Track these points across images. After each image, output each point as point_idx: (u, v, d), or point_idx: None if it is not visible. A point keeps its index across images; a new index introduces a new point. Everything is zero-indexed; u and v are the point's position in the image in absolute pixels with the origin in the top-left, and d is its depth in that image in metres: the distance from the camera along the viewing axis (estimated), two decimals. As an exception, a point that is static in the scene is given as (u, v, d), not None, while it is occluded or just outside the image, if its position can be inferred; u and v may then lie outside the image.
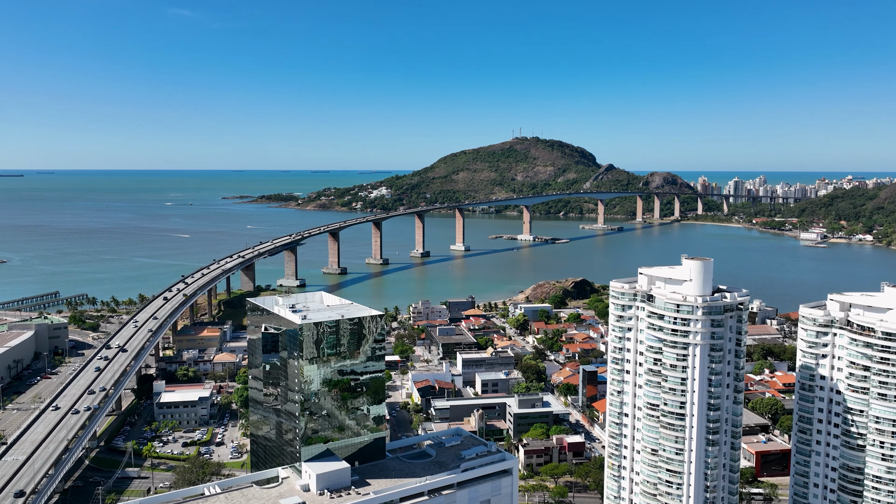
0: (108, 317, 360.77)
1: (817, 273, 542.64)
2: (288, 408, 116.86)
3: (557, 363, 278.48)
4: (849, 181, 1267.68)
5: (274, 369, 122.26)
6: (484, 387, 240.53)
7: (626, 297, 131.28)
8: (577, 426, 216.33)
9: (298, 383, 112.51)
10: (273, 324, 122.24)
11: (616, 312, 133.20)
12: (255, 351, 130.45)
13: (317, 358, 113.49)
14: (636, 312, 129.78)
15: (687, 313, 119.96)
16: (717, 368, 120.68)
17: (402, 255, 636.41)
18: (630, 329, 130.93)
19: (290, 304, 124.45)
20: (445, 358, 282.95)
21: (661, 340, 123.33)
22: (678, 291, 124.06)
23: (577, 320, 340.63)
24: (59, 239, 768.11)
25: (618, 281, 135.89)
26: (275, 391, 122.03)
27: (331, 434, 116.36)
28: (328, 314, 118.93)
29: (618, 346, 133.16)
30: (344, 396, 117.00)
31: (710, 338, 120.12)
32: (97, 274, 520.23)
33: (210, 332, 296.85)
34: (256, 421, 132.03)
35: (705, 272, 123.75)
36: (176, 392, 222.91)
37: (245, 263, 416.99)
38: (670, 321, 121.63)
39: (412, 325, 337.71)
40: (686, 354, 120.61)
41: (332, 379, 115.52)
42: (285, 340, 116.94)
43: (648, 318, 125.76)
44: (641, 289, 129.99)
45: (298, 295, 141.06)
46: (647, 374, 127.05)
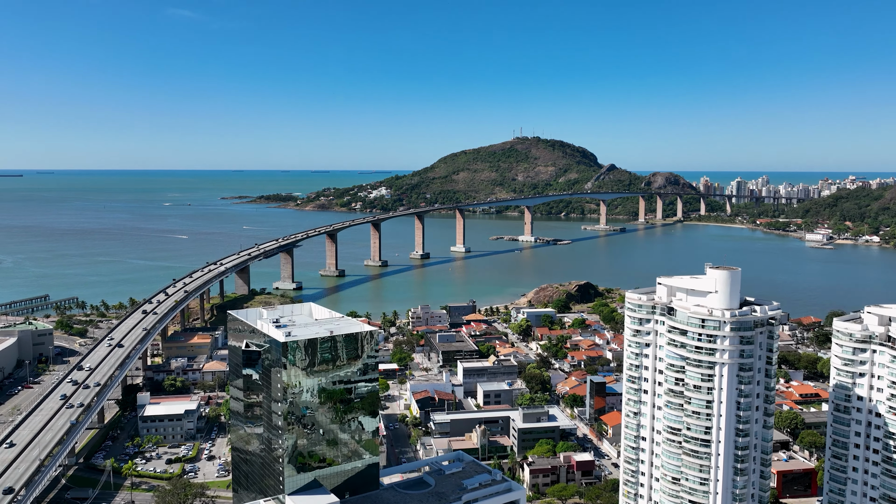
0: (97, 322, 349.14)
1: (828, 276, 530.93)
2: (270, 427, 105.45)
3: (563, 372, 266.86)
4: (852, 181, 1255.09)
5: (254, 387, 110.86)
6: (486, 398, 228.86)
7: (643, 310, 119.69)
8: (585, 441, 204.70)
9: (282, 398, 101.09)
10: (255, 340, 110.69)
11: (632, 326, 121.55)
12: (235, 368, 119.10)
13: (300, 377, 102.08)
14: (655, 327, 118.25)
15: (713, 329, 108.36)
16: (747, 390, 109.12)
17: (401, 257, 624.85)
18: (648, 345, 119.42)
19: (275, 318, 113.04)
20: (445, 366, 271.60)
21: (683, 358, 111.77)
22: (703, 304, 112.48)
23: (582, 326, 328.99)
24: (53, 240, 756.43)
25: (634, 292, 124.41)
26: (257, 407, 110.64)
27: (321, 450, 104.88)
28: (315, 330, 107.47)
29: (634, 363, 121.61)
30: (334, 411, 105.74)
31: (739, 356, 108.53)
32: (90, 276, 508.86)
33: (200, 338, 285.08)
34: (238, 437, 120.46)
35: (732, 283, 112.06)
36: (161, 404, 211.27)
37: (239, 266, 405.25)
38: (694, 337, 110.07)
39: (411, 330, 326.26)
40: (712, 374, 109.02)
41: (317, 398, 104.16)
42: (267, 358, 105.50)
43: (669, 334, 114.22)
44: (661, 301, 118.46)
45: (285, 306, 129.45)
46: (667, 394, 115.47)
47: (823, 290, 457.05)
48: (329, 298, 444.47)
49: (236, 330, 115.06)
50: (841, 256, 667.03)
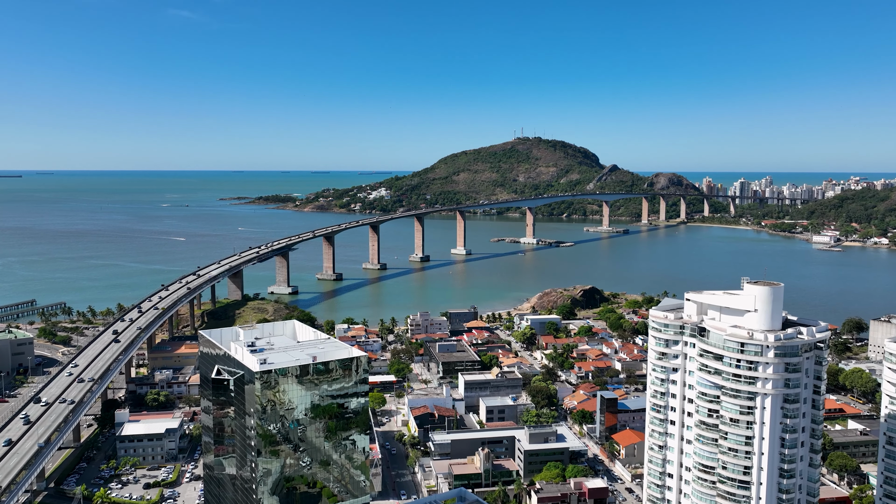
0: (82, 329, 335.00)
1: (839, 280, 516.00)
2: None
3: (569, 384, 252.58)
4: (856, 182, 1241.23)
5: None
6: (489, 414, 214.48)
7: (670, 330, 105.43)
8: (596, 462, 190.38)
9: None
10: (227, 366, 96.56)
11: (658, 349, 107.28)
12: (205, 393, 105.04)
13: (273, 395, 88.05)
14: (684, 349, 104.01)
15: (754, 354, 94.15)
16: (792, 424, 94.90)
17: (400, 260, 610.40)
18: (676, 370, 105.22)
19: (251, 341, 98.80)
20: (446, 377, 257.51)
21: (718, 387, 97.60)
22: (740, 325, 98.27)
23: (589, 334, 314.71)
24: (46, 242, 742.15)
25: (659, 309, 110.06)
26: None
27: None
28: (295, 356, 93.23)
29: (659, 389, 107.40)
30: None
31: (784, 386, 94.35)
32: (80, 281, 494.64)
33: (188, 348, 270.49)
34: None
35: (774, 301, 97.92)
36: (141, 422, 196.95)
37: (232, 271, 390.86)
38: (731, 363, 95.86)
39: (410, 338, 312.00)
40: (752, 406, 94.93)
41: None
42: (239, 389, 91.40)
43: (701, 358, 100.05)
44: (690, 319, 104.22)
45: (266, 325, 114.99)
46: (699, 427, 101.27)
47: (836, 295, 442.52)
48: (326, 303, 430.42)
49: (207, 354, 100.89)
50: (850, 259, 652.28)
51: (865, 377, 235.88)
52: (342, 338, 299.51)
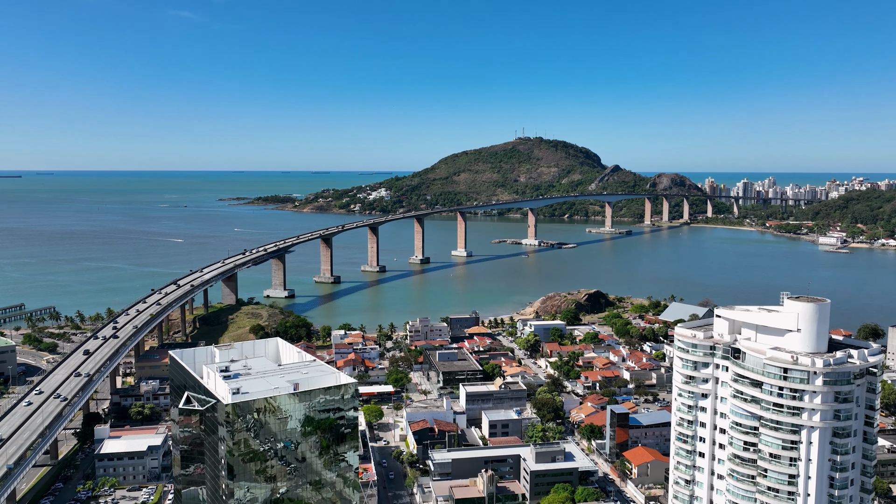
0: (69, 335, 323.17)
1: (849, 283, 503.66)
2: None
3: (576, 395, 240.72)
4: (860, 182, 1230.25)
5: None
6: (492, 429, 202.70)
7: (699, 351, 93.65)
8: (606, 482, 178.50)
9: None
10: (196, 393, 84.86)
11: (684, 371, 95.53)
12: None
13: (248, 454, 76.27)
14: (716, 373, 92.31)
15: (800, 381, 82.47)
16: (843, 462, 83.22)
17: (400, 262, 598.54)
18: (706, 395, 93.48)
19: (225, 366, 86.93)
20: (446, 387, 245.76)
21: (755, 417, 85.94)
22: (781, 346, 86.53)
23: (595, 340, 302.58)
24: (40, 243, 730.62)
25: (686, 326, 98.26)
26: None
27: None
28: (274, 383, 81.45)
29: (686, 417, 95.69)
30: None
31: (834, 418, 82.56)
32: (73, 284, 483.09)
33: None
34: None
35: (820, 319, 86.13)
36: (122, 438, 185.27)
37: (226, 274, 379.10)
38: (772, 391, 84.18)
39: (409, 345, 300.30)
40: (797, 441, 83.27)
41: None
42: (209, 421, 79.76)
43: (736, 384, 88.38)
44: (722, 339, 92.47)
45: (247, 344, 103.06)
46: (732, 461, 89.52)
47: (849, 300, 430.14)
48: (323, 308, 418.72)
49: (177, 379, 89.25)
50: (859, 261, 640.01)
51: (888, 388, 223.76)
52: (338, 345, 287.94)
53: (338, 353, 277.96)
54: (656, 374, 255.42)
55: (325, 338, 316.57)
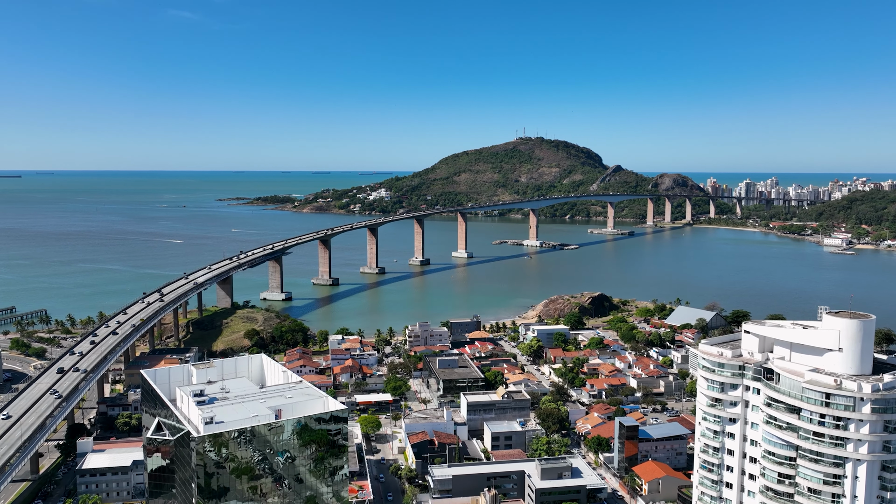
0: (59, 339, 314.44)
1: (859, 287, 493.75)
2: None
3: (581, 404, 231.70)
4: (863, 183, 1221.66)
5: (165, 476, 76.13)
6: (495, 441, 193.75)
7: (726, 371, 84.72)
8: (615, 499, 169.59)
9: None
10: (168, 419, 75.94)
11: (710, 393, 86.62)
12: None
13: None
14: (745, 396, 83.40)
15: (843, 408, 73.61)
16: (893, 499, 74.08)
17: (400, 263, 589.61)
18: (734, 420, 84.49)
19: (200, 389, 77.91)
20: (446, 395, 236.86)
21: (792, 447, 77.03)
22: (820, 367, 77.55)
23: (600, 346, 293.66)
24: (35, 244, 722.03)
25: (711, 342, 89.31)
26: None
27: None
28: (253, 410, 72.46)
29: (712, 443, 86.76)
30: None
31: (883, 450, 73.58)
32: (67, 286, 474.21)
33: (167, 363, 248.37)
34: None
35: (864, 338, 77.21)
36: (106, 452, 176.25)
37: (221, 277, 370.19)
38: (812, 418, 75.31)
39: (408, 351, 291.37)
40: (840, 475, 74.32)
41: None
42: (180, 452, 70.81)
43: (769, 409, 79.49)
44: (752, 358, 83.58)
45: (228, 361, 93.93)
46: (765, 495, 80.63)
47: (859, 303, 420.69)
48: (321, 311, 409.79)
49: (148, 402, 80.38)
50: (865, 263, 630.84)
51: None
52: (335, 350, 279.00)
53: (335, 359, 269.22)
54: (664, 382, 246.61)
55: (321, 343, 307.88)
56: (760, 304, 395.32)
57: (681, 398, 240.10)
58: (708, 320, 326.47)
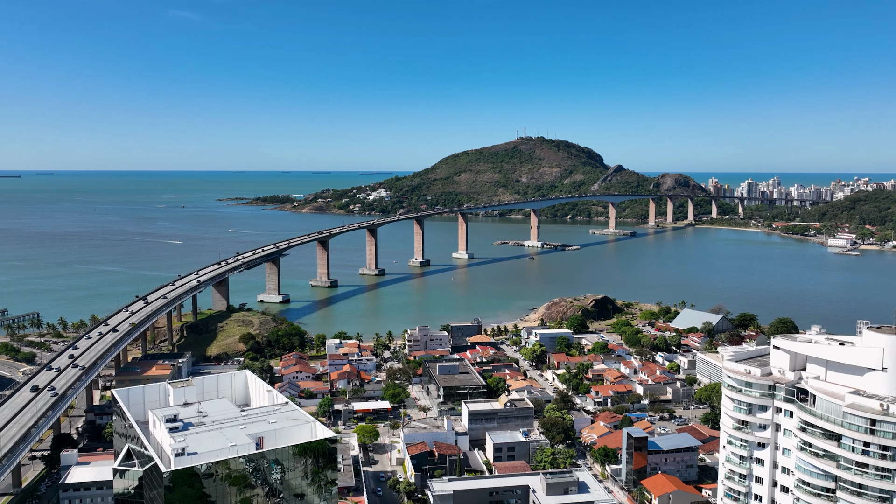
0: (50, 343, 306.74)
1: (867, 288, 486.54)
2: None
3: (586, 412, 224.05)
4: (865, 183, 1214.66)
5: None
6: (497, 452, 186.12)
7: (755, 391, 77.21)
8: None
9: None
10: (137, 446, 68.32)
11: (736, 415, 79.12)
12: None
13: None
14: (776, 418, 75.76)
15: (893, 437, 65.74)
16: (946, 538, 66.45)
17: (399, 265, 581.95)
18: (763, 445, 76.87)
19: (173, 414, 70.21)
20: (447, 402, 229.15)
21: (830, 477, 69.41)
22: (862, 389, 69.94)
23: (605, 351, 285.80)
24: (31, 245, 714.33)
25: (737, 358, 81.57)
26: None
27: None
28: (232, 438, 64.84)
29: (738, 470, 79.27)
30: None
31: (936, 483, 66.02)
32: (61, 288, 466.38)
33: (159, 369, 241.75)
34: None
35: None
36: (92, 465, 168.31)
37: (217, 279, 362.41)
38: (854, 447, 67.61)
39: (407, 356, 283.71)
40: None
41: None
42: (150, 487, 63.18)
43: (804, 434, 71.89)
44: (784, 377, 75.90)
45: (209, 379, 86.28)
46: (799, 529, 72.88)
47: (869, 306, 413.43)
48: (319, 314, 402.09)
49: (118, 425, 72.74)
50: (871, 264, 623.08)
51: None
52: (333, 356, 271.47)
53: (332, 365, 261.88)
54: (672, 389, 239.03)
55: (319, 347, 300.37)
56: (767, 306, 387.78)
57: (689, 405, 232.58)
58: (714, 324, 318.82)
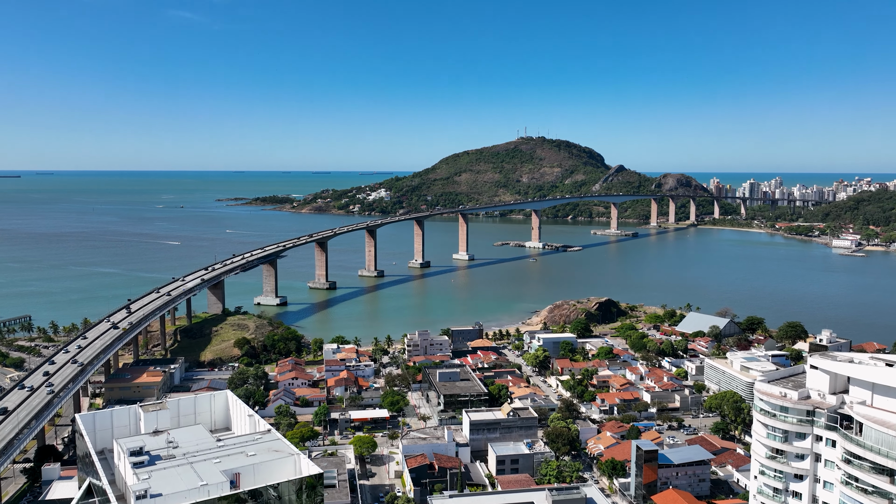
0: (41, 348, 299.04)
1: (874, 290, 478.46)
2: None
3: (592, 421, 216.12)
4: (868, 183, 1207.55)
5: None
6: (500, 465, 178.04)
7: (791, 417, 69.18)
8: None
9: None
10: (95, 481, 60.47)
11: (770, 443, 71.22)
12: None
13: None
14: (816, 447, 67.78)
15: (955, 474, 57.83)
16: None
17: (399, 266, 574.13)
18: (801, 477, 68.94)
19: (139, 446, 62.22)
20: (447, 410, 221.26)
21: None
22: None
23: (610, 356, 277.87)
24: (27, 246, 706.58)
25: (770, 379, 73.64)
26: None
27: None
28: (204, 475, 56.89)
29: (771, 503, 71.05)
30: None
31: None
32: (55, 290, 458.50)
33: (150, 376, 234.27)
34: None
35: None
36: (74, 479, 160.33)
37: (212, 281, 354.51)
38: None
39: (406, 361, 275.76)
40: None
41: None
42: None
43: (849, 467, 63.90)
44: (824, 401, 67.93)
45: (186, 400, 78.21)
46: (843, 573, 64.99)
47: (878, 310, 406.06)
48: (316, 317, 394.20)
49: (81, 456, 64.97)
50: (878, 265, 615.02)
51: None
52: (330, 361, 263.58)
53: (329, 371, 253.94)
54: (680, 397, 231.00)
55: (316, 352, 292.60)
56: (773, 309, 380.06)
57: (698, 414, 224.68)
58: (721, 327, 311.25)
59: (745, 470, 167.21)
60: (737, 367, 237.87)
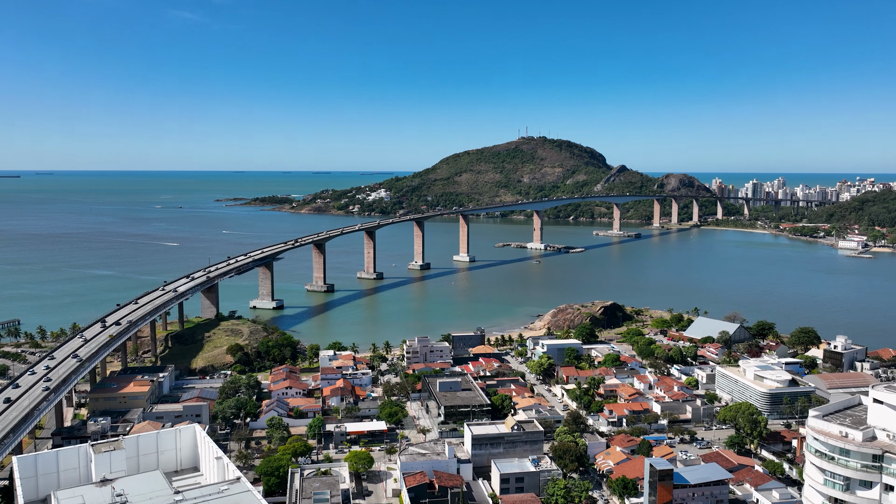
0: (27, 354, 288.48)
1: (885, 293, 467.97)
2: None
3: (600, 435, 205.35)
4: (871, 183, 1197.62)
5: None
6: (504, 483, 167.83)
7: (855, 461, 58.78)
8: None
9: None
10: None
11: (827, 490, 61.33)
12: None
13: None
14: (885, 498, 57.51)
15: None
16: None
17: (399, 268, 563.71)
18: (865, 531, 58.58)
19: (78, 501, 51.93)
20: (448, 421, 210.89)
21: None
22: None
23: (616, 363, 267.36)
24: (22, 247, 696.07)
25: (825, 414, 63.50)
26: None
27: None
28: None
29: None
30: None
31: None
32: (48, 294, 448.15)
33: (137, 386, 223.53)
34: None
35: None
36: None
37: (205, 285, 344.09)
38: None
39: (405, 369, 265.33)
40: None
41: None
42: None
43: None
44: (893, 443, 57.60)
45: (148, 437, 67.74)
46: None
47: (890, 312, 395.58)
48: (313, 321, 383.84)
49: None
50: (886, 267, 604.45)
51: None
52: (326, 369, 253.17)
53: (324, 379, 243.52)
54: (691, 407, 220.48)
55: (312, 359, 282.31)
56: (782, 313, 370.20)
57: (710, 426, 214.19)
58: (731, 333, 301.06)
59: (764, 489, 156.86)
60: (750, 376, 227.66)
